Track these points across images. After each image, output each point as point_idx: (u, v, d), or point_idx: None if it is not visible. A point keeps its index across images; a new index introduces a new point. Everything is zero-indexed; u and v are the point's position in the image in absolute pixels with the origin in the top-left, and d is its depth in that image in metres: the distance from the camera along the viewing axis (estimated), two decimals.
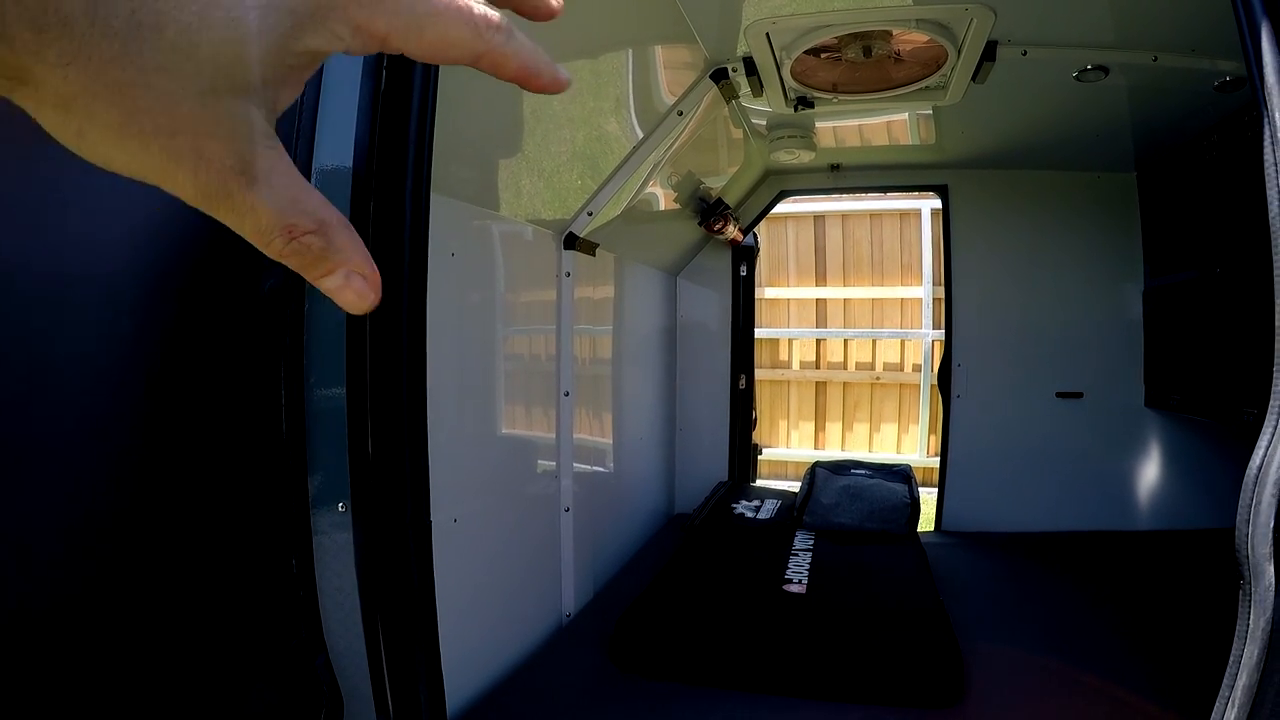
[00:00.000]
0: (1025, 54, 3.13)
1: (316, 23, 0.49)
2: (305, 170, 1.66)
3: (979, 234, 5.03)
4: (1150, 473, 4.88)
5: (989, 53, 3.08)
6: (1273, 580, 1.40)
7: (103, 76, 0.45)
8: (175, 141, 0.47)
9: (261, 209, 0.49)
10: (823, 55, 3.23)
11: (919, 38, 3.05)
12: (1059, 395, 4.94)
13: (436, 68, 1.80)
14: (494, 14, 0.55)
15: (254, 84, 0.49)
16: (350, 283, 0.52)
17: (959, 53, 3.05)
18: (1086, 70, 3.29)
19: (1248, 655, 1.45)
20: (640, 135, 3.43)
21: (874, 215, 8.39)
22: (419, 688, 1.86)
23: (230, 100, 0.48)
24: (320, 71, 1.68)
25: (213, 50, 0.46)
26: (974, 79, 3.29)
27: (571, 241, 3.48)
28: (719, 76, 3.36)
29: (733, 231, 5.09)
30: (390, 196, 1.70)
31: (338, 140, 1.66)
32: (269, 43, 0.48)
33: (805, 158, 4.39)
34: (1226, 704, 1.49)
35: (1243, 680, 1.46)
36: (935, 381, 5.74)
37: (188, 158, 0.47)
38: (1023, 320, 4.97)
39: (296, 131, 1.65)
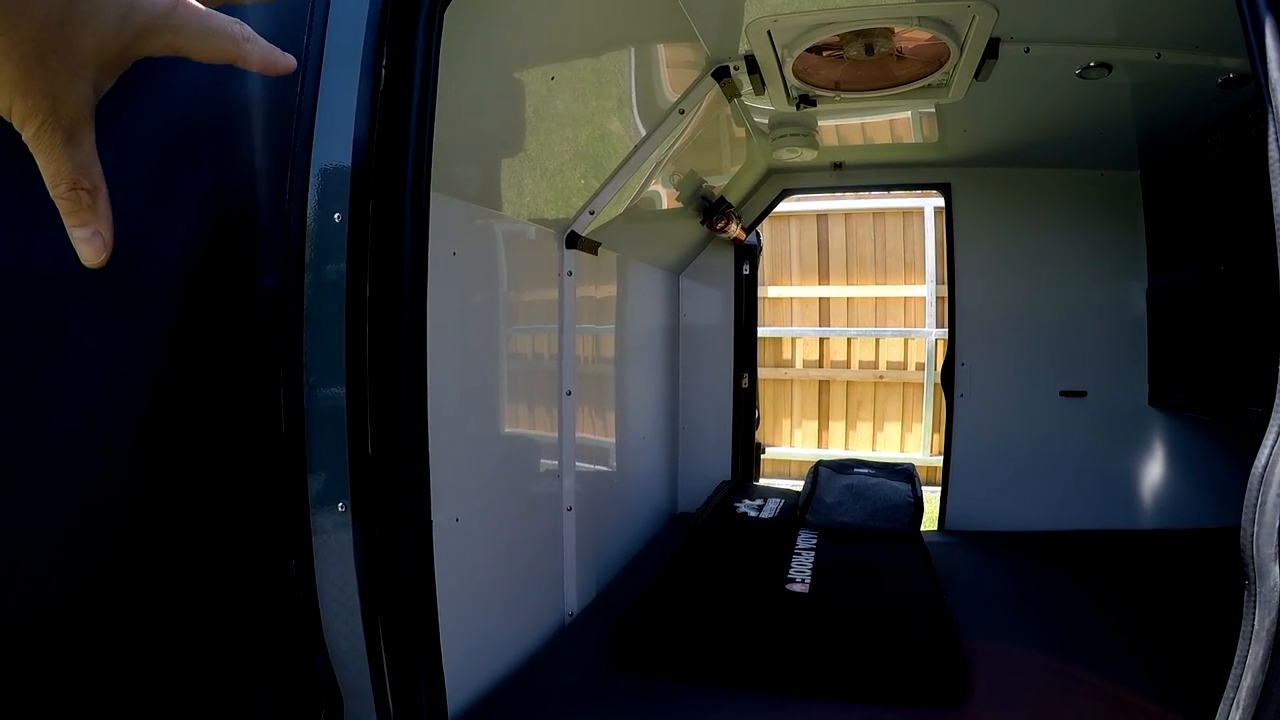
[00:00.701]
0: (1028, 51, 3.12)
1: (144, 41, 0.76)
2: (304, 168, 1.66)
3: (982, 232, 5.02)
4: (1154, 472, 4.87)
5: (991, 50, 3.07)
6: (1278, 580, 1.39)
7: (19, 46, 0.67)
8: (43, 101, 0.70)
9: (66, 160, 0.73)
10: (824, 53, 3.23)
11: (921, 35, 3.04)
12: (1062, 394, 4.93)
13: (435, 67, 1.80)
14: (247, 29, 0.83)
15: (98, 73, 0.73)
16: (93, 240, 0.76)
17: (961, 50, 3.04)
18: (1089, 67, 3.28)
19: (1252, 655, 1.44)
20: (642, 134, 3.43)
21: (877, 214, 8.40)
22: (420, 687, 1.86)
23: (84, 81, 0.72)
24: (319, 70, 1.68)
25: (84, 46, 0.71)
26: (976, 77, 3.28)
27: (574, 240, 3.47)
28: (721, 75, 3.35)
29: (735, 230, 5.09)
30: (390, 195, 1.70)
31: (337, 138, 1.65)
32: (114, 49, 0.73)
33: (808, 156, 4.38)
34: (1231, 705, 1.49)
35: (1247, 681, 1.45)
36: (939, 380, 5.73)
37: (43, 112, 0.70)
38: (1026, 318, 4.96)
39: (295, 130, 1.65)
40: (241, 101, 1.62)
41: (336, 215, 1.64)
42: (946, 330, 5.21)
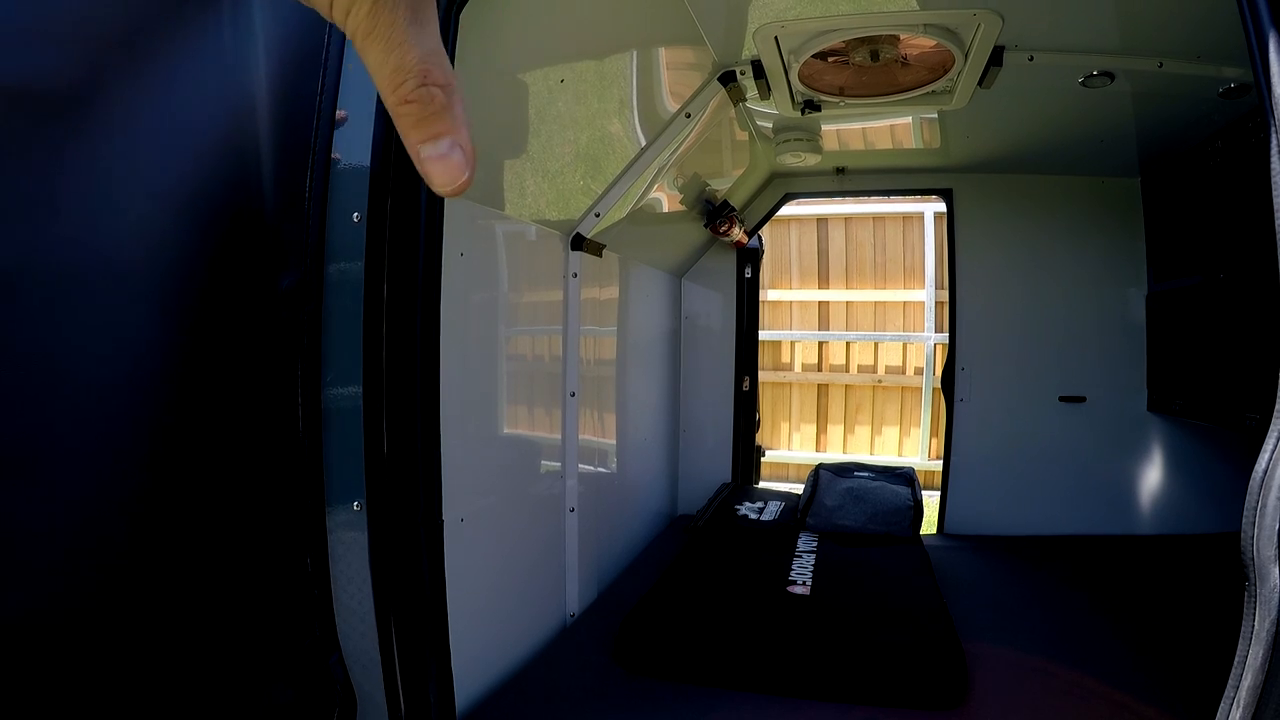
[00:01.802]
0: (1032, 59, 3.14)
1: None
2: (323, 167, 1.68)
3: (983, 238, 5.04)
4: (1153, 477, 4.89)
5: (996, 58, 3.09)
6: (1278, 581, 1.41)
7: None
8: None
9: (411, 48, 0.54)
10: (830, 59, 3.25)
11: (926, 42, 3.06)
12: (1062, 399, 4.94)
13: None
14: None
15: None
16: (452, 154, 0.56)
17: (966, 58, 3.06)
18: (1092, 76, 3.30)
19: (1252, 656, 1.46)
20: (649, 137, 3.45)
21: (877, 219, 8.41)
22: (429, 687, 1.87)
23: None
24: (339, 70, 1.69)
25: None
26: (980, 84, 3.30)
27: (579, 242, 3.50)
28: (727, 79, 3.37)
29: (738, 234, 5.10)
30: (406, 196, 1.72)
31: (356, 139, 1.67)
32: None
33: (811, 160, 4.40)
34: (1231, 704, 1.51)
35: (1247, 681, 1.47)
36: (938, 385, 5.74)
37: None
38: (1026, 324, 4.98)
39: (316, 127, 1.66)
40: (262, 101, 1.64)
41: (355, 215, 1.66)
42: (945, 335, 5.23)
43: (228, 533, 1.61)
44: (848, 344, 8.60)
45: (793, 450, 8.79)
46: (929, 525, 4.90)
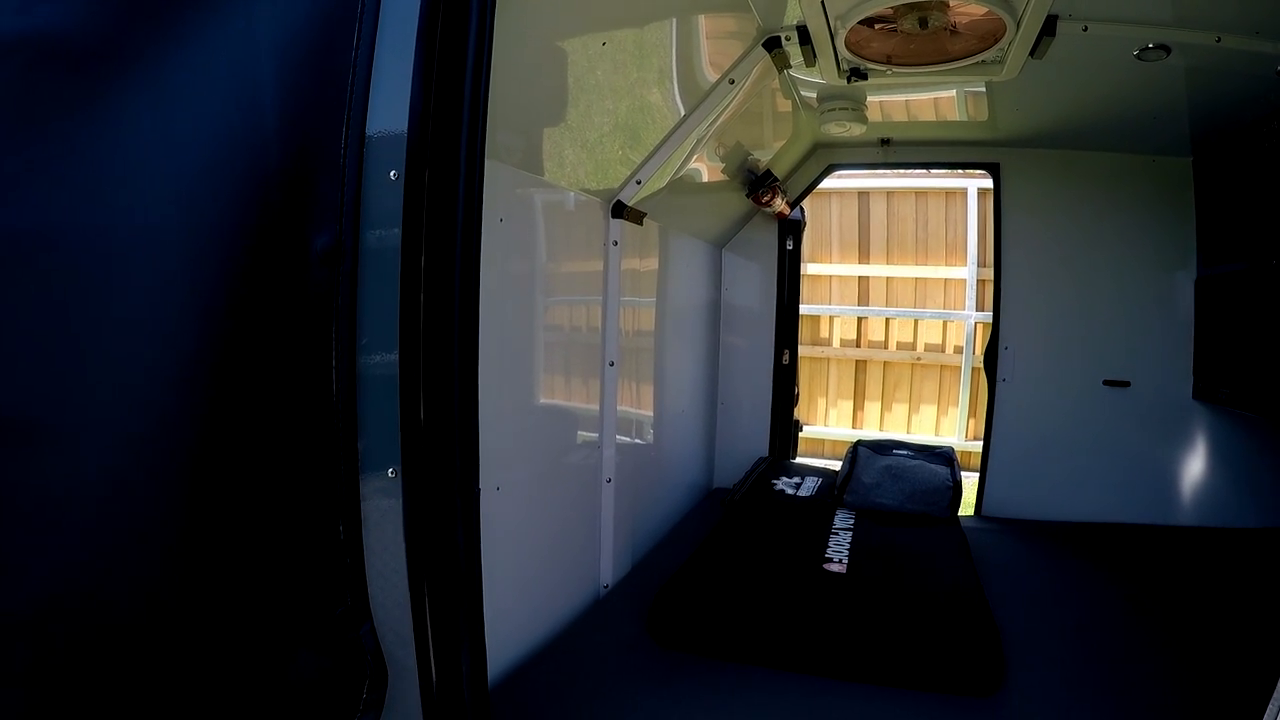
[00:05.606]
0: (1086, 29, 3.07)
1: None
2: (360, 124, 1.64)
3: (1030, 214, 4.96)
4: (1196, 467, 4.80)
5: (1049, 27, 3.02)
6: None
7: None
8: None
9: None
10: (877, 26, 3.18)
11: (977, 9, 2.98)
12: (1106, 383, 4.86)
13: (491, 27, 1.77)
14: None
15: None
16: None
17: (1018, 26, 2.99)
18: (1148, 49, 3.21)
19: None
20: (693, 103, 3.40)
21: (919, 193, 8.29)
22: (461, 657, 1.85)
23: None
24: (375, 21, 1.65)
25: None
26: (1032, 54, 3.22)
27: (620, 210, 3.46)
28: (771, 45, 3.32)
29: (780, 204, 5.05)
30: (444, 154, 1.68)
31: (393, 95, 1.63)
32: None
33: (856, 130, 4.33)
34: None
35: None
36: (979, 364, 5.67)
37: None
38: (1072, 304, 4.91)
39: (350, 94, 1.63)
40: (296, 56, 1.61)
41: (392, 173, 1.62)
42: (986, 314, 5.17)
43: (260, 498, 1.60)
44: (887, 320, 8.50)
45: (829, 426, 8.73)
46: (966, 506, 4.84)
